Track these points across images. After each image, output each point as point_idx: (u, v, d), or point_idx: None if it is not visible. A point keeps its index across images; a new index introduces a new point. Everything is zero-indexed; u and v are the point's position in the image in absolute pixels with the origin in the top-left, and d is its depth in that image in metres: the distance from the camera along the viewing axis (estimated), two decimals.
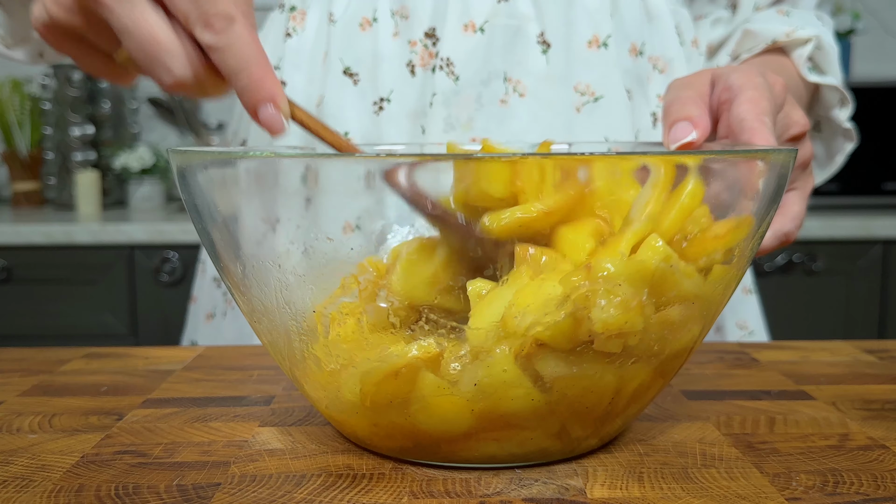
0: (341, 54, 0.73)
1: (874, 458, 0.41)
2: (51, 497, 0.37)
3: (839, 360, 0.60)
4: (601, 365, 0.36)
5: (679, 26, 0.77)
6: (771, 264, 1.81)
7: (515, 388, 0.36)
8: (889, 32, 2.29)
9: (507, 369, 0.36)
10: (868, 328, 1.84)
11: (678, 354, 0.40)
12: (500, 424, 0.38)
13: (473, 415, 0.37)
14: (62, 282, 1.81)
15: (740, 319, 0.85)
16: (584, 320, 0.35)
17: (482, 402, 0.37)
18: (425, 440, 0.39)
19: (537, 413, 0.37)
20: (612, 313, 0.34)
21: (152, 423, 0.47)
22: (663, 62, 0.75)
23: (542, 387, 0.36)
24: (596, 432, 0.40)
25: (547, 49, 0.71)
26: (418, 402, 0.37)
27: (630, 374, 0.38)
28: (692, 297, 0.37)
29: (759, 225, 0.41)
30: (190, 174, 0.41)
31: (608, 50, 0.72)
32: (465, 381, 0.36)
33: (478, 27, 0.70)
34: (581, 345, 0.35)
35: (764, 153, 0.39)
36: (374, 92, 0.72)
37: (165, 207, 2.10)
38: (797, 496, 0.37)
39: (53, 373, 0.57)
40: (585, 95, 0.72)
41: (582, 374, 0.36)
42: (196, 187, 0.41)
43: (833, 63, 0.75)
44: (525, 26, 0.71)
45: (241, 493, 0.38)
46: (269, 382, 0.54)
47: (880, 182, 1.94)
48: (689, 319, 0.38)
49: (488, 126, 0.71)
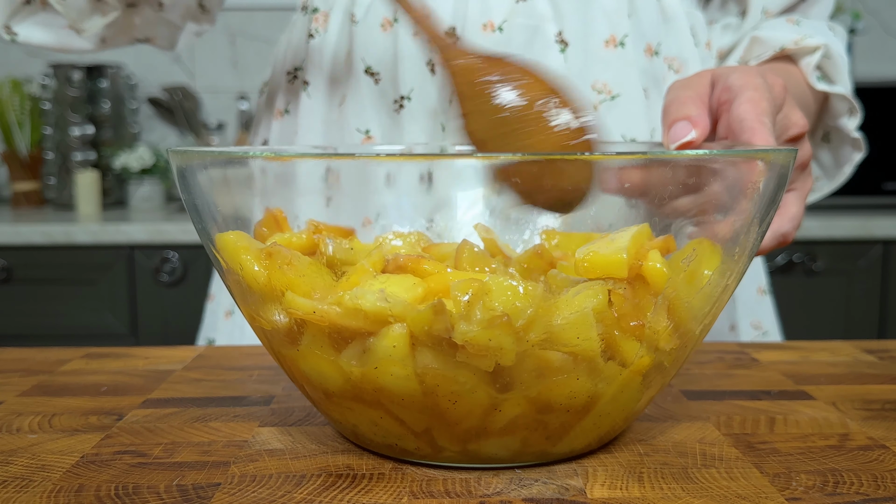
0: (363, 54, 0.74)
1: (874, 458, 0.41)
2: (51, 497, 0.37)
3: (839, 360, 0.60)
4: (474, 377, 0.36)
5: (694, 28, 0.78)
6: (771, 264, 1.81)
7: (397, 366, 0.37)
8: (889, 32, 2.29)
9: (396, 346, 0.36)
10: (868, 328, 1.84)
11: (563, 406, 0.38)
12: (369, 398, 0.38)
13: (346, 377, 0.38)
14: (62, 282, 1.81)
15: (755, 319, 0.85)
16: (443, 317, 0.35)
17: (364, 367, 0.37)
18: (314, 394, 0.42)
19: (410, 401, 0.38)
20: (473, 327, 0.35)
21: (152, 423, 0.47)
22: (679, 62, 0.76)
23: (419, 377, 0.37)
24: (463, 449, 0.39)
25: (565, 48, 0.72)
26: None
27: (504, 400, 0.37)
28: (580, 366, 0.37)
29: (760, 224, 0.41)
30: (190, 174, 0.41)
31: (625, 49, 0.73)
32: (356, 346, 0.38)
33: (496, 27, 0.72)
34: (442, 342, 0.36)
35: (764, 153, 0.39)
36: (395, 91, 0.73)
37: (165, 207, 2.10)
38: (797, 496, 0.37)
39: (53, 373, 0.57)
40: (603, 94, 0.73)
41: (453, 378, 0.36)
42: (196, 187, 0.41)
43: (842, 73, 0.75)
44: (543, 26, 0.72)
45: (241, 493, 0.37)
46: (269, 382, 0.54)
47: (880, 182, 1.94)
48: (572, 373, 0.37)
49: None
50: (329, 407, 0.41)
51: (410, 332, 0.36)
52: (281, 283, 0.38)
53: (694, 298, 0.39)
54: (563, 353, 0.36)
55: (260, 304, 0.40)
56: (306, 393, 0.43)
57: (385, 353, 0.36)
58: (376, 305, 0.36)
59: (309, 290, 0.38)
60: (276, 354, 0.42)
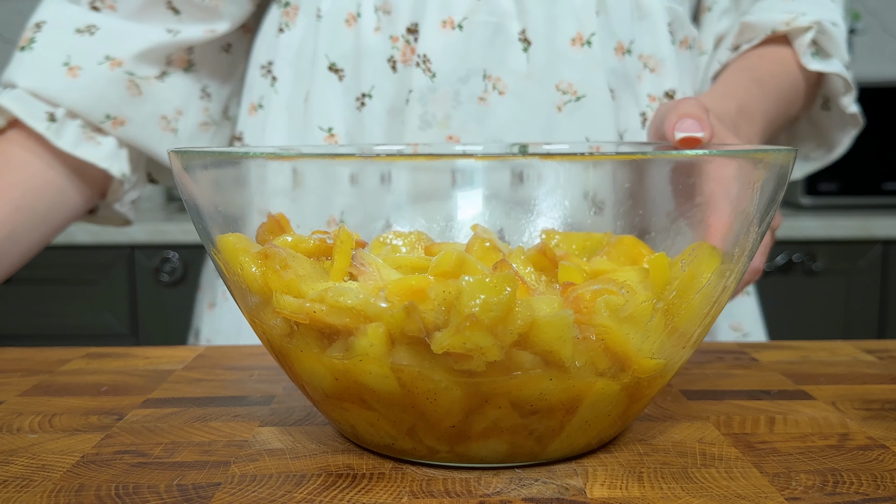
0: (327, 50, 0.73)
1: (874, 457, 0.41)
2: (51, 497, 0.37)
3: (839, 360, 0.60)
4: (447, 374, 0.36)
5: (672, 24, 0.76)
6: (770, 264, 1.81)
7: (375, 364, 0.37)
8: (889, 32, 2.29)
9: (374, 344, 0.36)
10: (868, 328, 1.84)
11: (540, 408, 0.38)
12: (356, 397, 0.39)
13: (334, 375, 0.38)
14: (62, 282, 1.81)
15: (735, 321, 0.84)
16: (414, 318, 0.35)
17: (347, 362, 0.37)
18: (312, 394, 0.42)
19: (391, 399, 0.38)
20: (446, 336, 0.35)
21: (152, 422, 0.47)
22: (654, 61, 0.74)
23: (397, 375, 0.37)
24: (452, 450, 0.39)
25: (528, 47, 0.70)
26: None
27: (481, 403, 0.37)
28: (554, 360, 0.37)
29: (759, 224, 0.41)
30: (190, 174, 0.41)
31: (592, 48, 0.71)
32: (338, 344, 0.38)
33: (456, 24, 0.70)
34: (415, 339, 0.36)
35: (763, 153, 0.39)
36: (357, 87, 0.72)
37: (165, 207, 2.10)
38: (797, 496, 0.37)
39: (53, 373, 0.57)
40: (567, 94, 0.71)
41: (428, 376, 0.36)
42: (196, 187, 0.41)
43: (838, 45, 0.74)
44: (506, 23, 0.70)
45: (241, 492, 0.38)
46: (269, 382, 0.54)
47: (880, 182, 1.94)
48: (544, 375, 0.37)
49: (466, 124, 0.70)
50: (328, 407, 0.42)
51: (388, 330, 0.36)
52: (277, 285, 0.38)
53: (693, 300, 0.39)
54: (532, 353, 0.36)
55: (259, 307, 0.40)
56: (307, 394, 0.43)
57: (363, 351, 0.37)
58: (354, 303, 0.36)
59: (307, 291, 0.38)
60: (276, 355, 0.42)
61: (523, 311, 0.35)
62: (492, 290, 0.34)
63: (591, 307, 0.37)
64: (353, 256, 0.41)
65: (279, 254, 0.39)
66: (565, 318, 0.36)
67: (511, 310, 0.35)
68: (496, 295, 0.34)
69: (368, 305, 0.36)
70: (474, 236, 0.44)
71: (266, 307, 0.40)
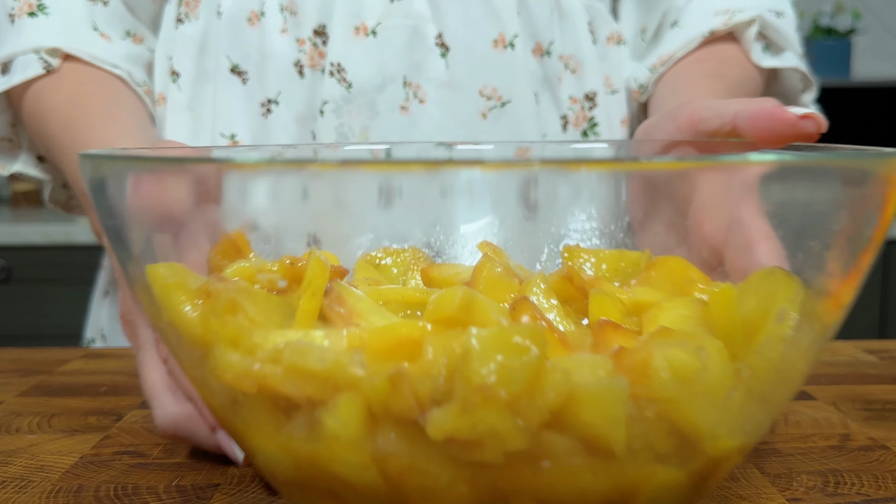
0: (228, 51, 0.67)
1: (875, 458, 0.41)
2: (50, 497, 0.37)
3: (839, 360, 0.60)
4: (452, 469, 0.27)
5: (593, 23, 0.71)
6: None
7: (348, 450, 0.27)
8: (889, 32, 2.29)
9: (347, 424, 0.26)
10: (868, 328, 1.84)
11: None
12: (325, 490, 0.29)
13: (295, 462, 0.29)
14: (62, 282, 1.81)
15: None
16: (404, 392, 0.26)
17: (312, 445, 0.27)
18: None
19: (372, 497, 0.28)
20: (449, 415, 0.25)
21: (151, 423, 0.47)
22: (575, 61, 0.70)
23: (382, 466, 0.27)
24: None
25: (446, 52, 0.66)
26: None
27: (498, 498, 0.28)
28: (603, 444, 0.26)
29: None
30: (109, 186, 0.32)
31: (515, 51, 0.67)
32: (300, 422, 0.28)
33: (370, 30, 0.65)
34: (405, 421, 0.26)
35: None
36: (262, 93, 0.67)
37: None
38: (798, 497, 0.37)
39: (53, 373, 0.57)
40: (492, 100, 0.67)
41: (423, 469, 0.27)
42: (117, 203, 0.31)
43: (788, 37, 0.67)
44: (422, 27, 0.66)
45: (240, 493, 0.37)
46: None
47: None
48: (585, 467, 0.27)
49: (387, 135, 0.66)
50: (293, 495, 0.32)
51: (367, 404, 0.26)
52: (220, 336, 0.28)
53: (782, 352, 0.29)
54: (570, 437, 0.26)
55: (198, 363, 0.30)
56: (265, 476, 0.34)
57: (332, 433, 0.26)
58: (319, 368, 0.26)
59: (262, 345, 0.28)
60: (225, 426, 0.33)
61: (557, 380, 0.25)
62: (513, 351, 0.24)
63: (649, 371, 0.26)
64: (326, 291, 0.31)
65: (226, 291, 0.29)
66: (618, 389, 0.25)
67: (540, 377, 0.25)
68: (519, 357, 0.24)
69: (339, 370, 0.26)
70: (483, 260, 0.35)
71: (204, 365, 0.29)
